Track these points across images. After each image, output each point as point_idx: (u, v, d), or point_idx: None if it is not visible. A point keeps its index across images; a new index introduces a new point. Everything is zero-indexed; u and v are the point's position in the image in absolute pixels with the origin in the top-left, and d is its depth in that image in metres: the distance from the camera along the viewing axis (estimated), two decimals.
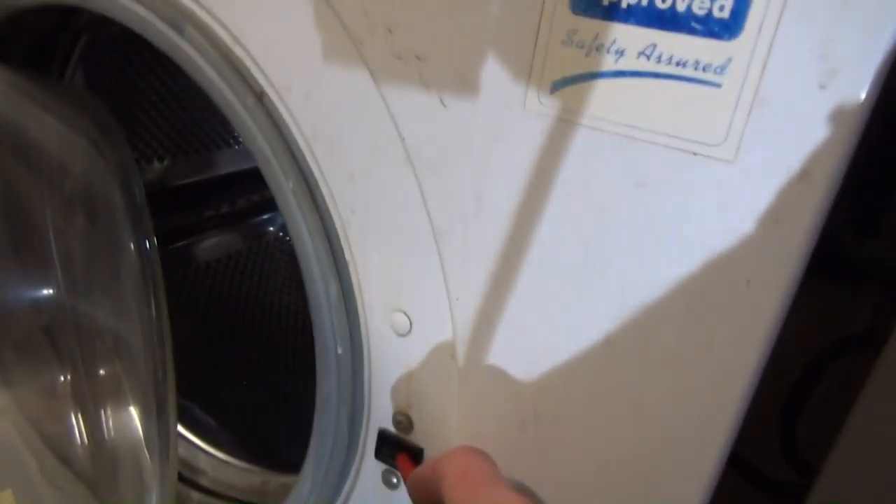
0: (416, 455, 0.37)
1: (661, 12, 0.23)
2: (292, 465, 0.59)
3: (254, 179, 0.93)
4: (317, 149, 0.35)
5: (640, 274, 0.26)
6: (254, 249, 0.93)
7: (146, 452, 0.41)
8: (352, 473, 0.40)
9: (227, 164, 0.89)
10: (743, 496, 0.72)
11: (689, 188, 0.24)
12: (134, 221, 0.34)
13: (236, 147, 0.89)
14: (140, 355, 0.37)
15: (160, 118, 0.76)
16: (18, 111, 0.40)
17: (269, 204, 0.93)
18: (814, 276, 0.25)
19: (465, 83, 0.28)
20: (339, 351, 0.37)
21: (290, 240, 0.99)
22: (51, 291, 0.49)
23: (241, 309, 0.88)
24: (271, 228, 0.96)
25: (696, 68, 0.23)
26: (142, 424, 0.42)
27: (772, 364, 0.26)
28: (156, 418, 0.36)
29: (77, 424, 0.54)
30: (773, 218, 0.23)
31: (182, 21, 0.36)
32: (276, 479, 0.58)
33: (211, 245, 0.88)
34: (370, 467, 0.39)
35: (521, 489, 0.32)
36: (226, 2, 0.35)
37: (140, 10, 0.37)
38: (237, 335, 0.85)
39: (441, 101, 0.28)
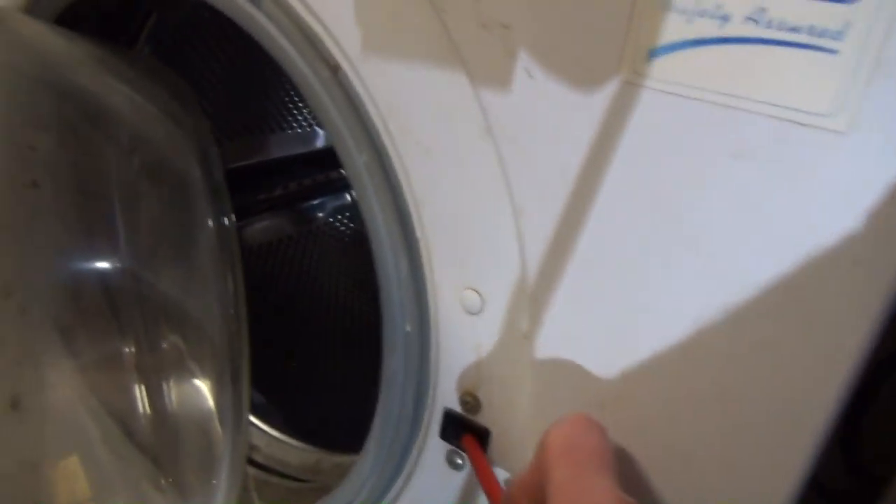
0: (482, 436, 0.37)
1: None
2: (345, 445, 0.60)
3: (305, 163, 0.94)
4: (391, 123, 0.34)
5: (734, 252, 0.25)
6: (304, 233, 0.94)
7: (216, 423, 0.41)
8: (414, 452, 0.40)
9: (280, 148, 0.90)
10: None
11: (794, 160, 0.23)
12: (212, 196, 0.34)
13: (289, 131, 0.90)
14: (214, 327, 0.37)
15: (219, 101, 0.77)
16: (95, 79, 0.40)
17: (321, 188, 0.94)
18: None
19: (555, 52, 0.27)
20: (408, 328, 0.37)
21: (339, 225, 1.00)
22: (116, 263, 0.50)
23: (291, 291, 0.89)
24: (321, 214, 0.97)
25: (810, 34, 0.22)
26: (213, 395, 0.42)
27: None
28: (230, 388, 0.37)
29: (140, 396, 0.55)
30: (889, 192, 0.22)
31: None
32: (330, 459, 0.58)
33: (262, 228, 0.89)
34: (434, 447, 0.39)
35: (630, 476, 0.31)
36: None
37: None
38: (287, 317, 0.86)
39: (528, 71, 0.28)
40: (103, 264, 0.51)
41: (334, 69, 0.35)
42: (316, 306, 0.89)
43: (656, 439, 0.30)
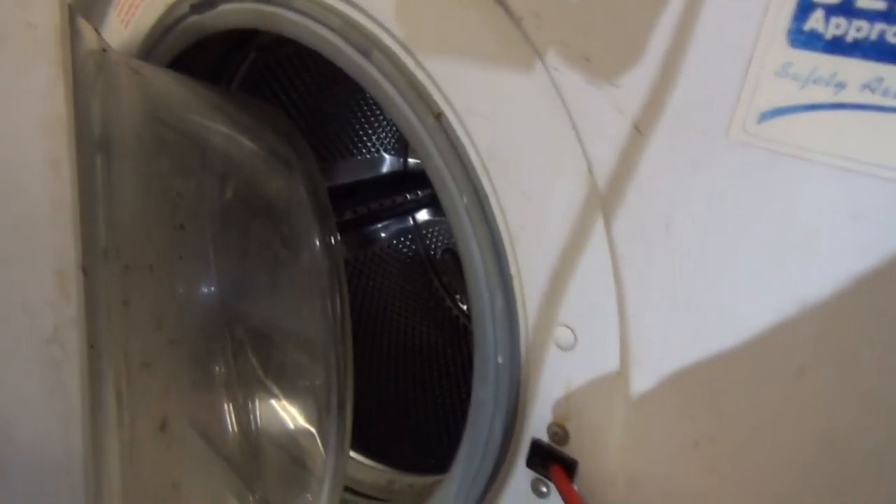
0: (570, 467, 0.38)
1: (892, 47, 0.23)
2: (417, 466, 0.62)
3: (372, 188, 0.97)
4: (491, 168, 0.36)
5: (846, 305, 0.26)
6: (368, 256, 0.97)
7: (316, 443, 0.43)
8: (500, 479, 0.42)
9: (349, 174, 0.93)
10: None
11: None
12: (321, 221, 0.37)
13: (358, 157, 0.94)
14: (315, 351, 0.39)
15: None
16: (208, 123, 0.43)
17: (387, 211, 0.97)
18: None
19: (666, 111, 0.28)
20: (500, 360, 0.39)
21: (401, 247, 1.02)
22: (209, 290, 0.53)
23: (357, 313, 0.92)
24: (384, 235, 1.00)
25: None
26: (314, 418, 0.45)
27: None
28: (336, 413, 0.39)
29: (228, 414, 0.58)
30: None
31: (369, 46, 0.39)
32: (402, 479, 0.60)
33: None
34: (520, 474, 0.41)
35: None
36: (413, 28, 0.37)
37: (331, 36, 0.40)
38: (356, 338, 0.88)
39: (637, 128, 0.29)
40: (196, 291, 0.54)
41: (437, 116, 0.38)
42: (381, 326, 0.92)
43: (752, 482, 0.31)
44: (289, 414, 0.52)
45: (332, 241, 0.38)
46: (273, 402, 0.55)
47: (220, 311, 0.54)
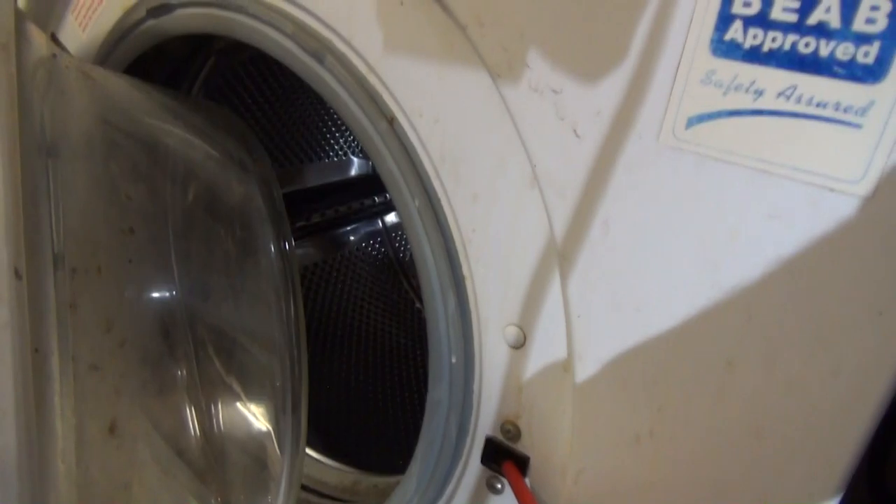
0: (522, 463, 0.39)
1: (803, 57, 0.24)
2: (381, 467, 0.62)
3: (340, 191, 0.98)
4: (443, 171, 0.37)
5: (768, 299, 0.27)
6: (338, 259, 0.97)
7: (273, 445, 0.44)
8: (455, 476, 0.43)
9: (317, 177, 0.93)
10: None
11: (824, 221, 0.25)
12: (276, 226, 0.37)
13: (326, 160, 0.94)
14: (271, 355, 0.40)
15: (258, 133, 0.81)
16: (165, 127, 0.43)
17: (356, 214, 0.97)
18: None
19: (601, 116, 0.30)
20: (453, 360, 0.39)
21: (371, 250, 1.03)
22: (169, 293, 0.53)
23: (325, 315, 0.92)
24: (353, 238, 1.00)
25: (836, 109, 0.24)
26: (272, 419, 0.45)
27: None
28: (290, 414, 0.39)
29: (190, 417, 0.58)
30: None
31: (322, 51, 0.39)
32: (368, 480, 0.60)
33: (301, 254, 0.92)
34: (475, 472, 0.42)
35: None
36: (364, 33, 0.38)
37: (285, 41, 0.40)
38: (322, 341, 0.89)
39: (575, 131, 0.31)
40: (160, 293, 0.55)
41: (390, 121, 0.38)
42: (349, 330, 0.92)
43: (689, 472, 0.32)
44: (251, 415, 0.53)
45: (286, 245, 0.38)
46: (237, 404, 0.55)
47: (182, 313, 0.54)
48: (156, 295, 0.39)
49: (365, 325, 0.94)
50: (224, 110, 0.42)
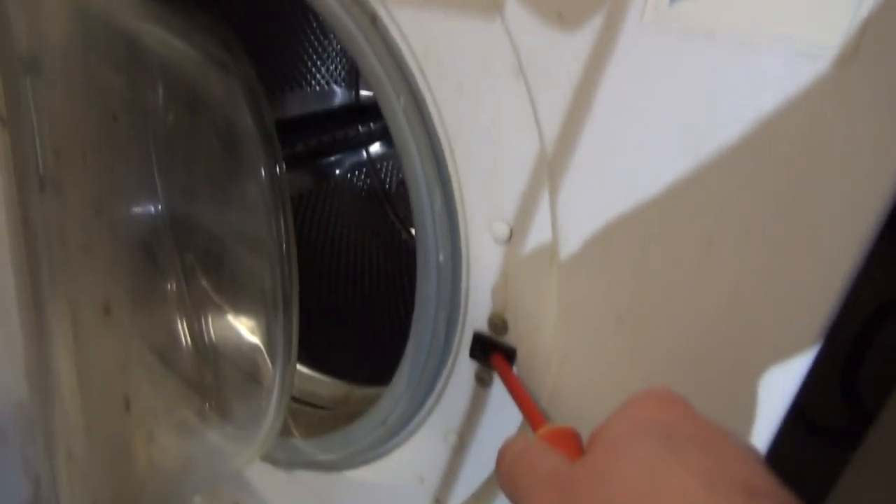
0: (510, 355, 0.40)
1: None
2: (373, 378, 0.64)
3: (324, 121, 0.97)
4: (427, 67, 0.37)
5: (747, 173, 0.28)
6: (322, 189, 0.97)
7: (264, 353, 0.45)
8: (445, 372, 0.44)
9: (299, 106, 0.92)
10: (803, 444, 0.74)
11: (805, 88, 0.26)
12: (264, 142, 0.37)
13: (307, 89, 0.93)
14: (261, 263, 0.40)
15: None
16: (143, 23, 0.42)
17: (340, 145, 0.97)
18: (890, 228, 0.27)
19: None
20: (441, 258, 0.40)
21: (355, 181, 1.03)
22: (152, 207, 0.53)
23: (314, 243, 0.92)
24: (339, 171, 1.00)
25: None
26: (263, 327, 0.46)
27: (838, 313, 0.28)
28: (282, 321, 0.40)
29: (182, 330, 0.59)
30: (890, 119, 0.25)
31: None
32: (360, 391, 0.62)
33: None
34: (464, 367, 0.43)
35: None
36: None
37: None
38: (313, 267, 0.89)
39: (559, 14, 0.31)
40: (142, 206, 0.54)
41: (373, 18, 0.38)
42: (336, 258, 0.93)
43: (668, 348, 0.33)
44: (241, 327, 0.54)
45: (277, 168, 0.38)
46: (227, 316, 0.56)
47: (167, 227, 0.53)
48: (141, 186, 0.39)
49: (352, 254, 0.95)
50: (205, 14, 0.41)
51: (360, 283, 0.91)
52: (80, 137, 0.29)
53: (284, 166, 0.40)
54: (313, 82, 0.94)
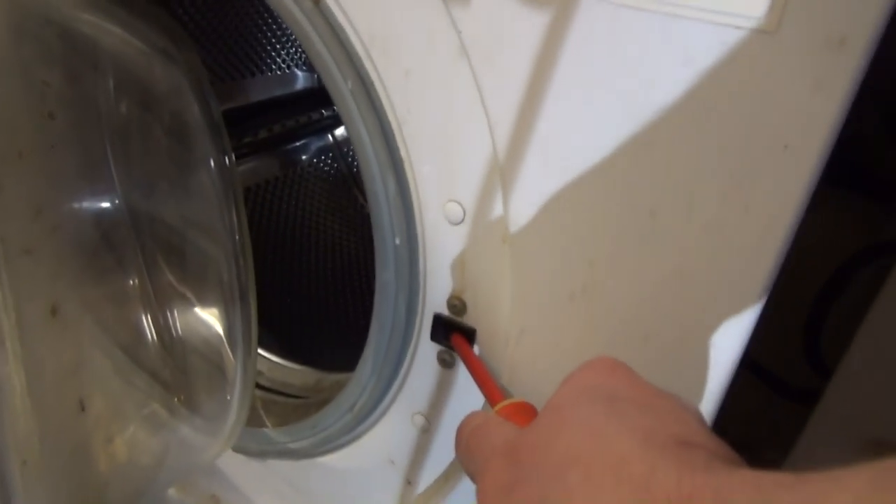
0: (469, 335, 0.41)
1: None
2: (342, 364, 0.64)
3: (287, 105, 0.95)
4: (373, 50, 0.37)
5: (684, 144, 0.28)
6: (289, 175, 0.96)
7: (226, 345, 0.45)
8: (408, 356, 0.44)
9: (261, 91, 0.91)
10: (767, 403, 0.76)
11: (733, 60, 0.26)
12: (212, 132, 0.37)
13: (269, 74, 0.91)
14: (220, 254, 0.40)
15: (197, 46, 0.78)
16: (85, 16, 0.41)
17: (305, 129, 0.96)
18: (845, 188, 0.27)
19: None
20: (397, 242, 0.40)
21: (323, 165, 1.02)
22: (112, 200, 0.52)
23: (282, 231, 0.92)
24: (304, 156, 0.99)
25: None
26: (222, 319, 0.46)
27: (799, 271, 0.28)
28: (239, 308, 0.40)
29: (147, 325, 0.58)
30: (813, 85, 0.25)
31: None
32: (330, 378, 0.63)
33: (250, 170, 0.91)
34: (426, 349, 0.43)
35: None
36: None
37: None
38: (280, 255, 0.89)
39: None
40: (97, 203, 0.53)
41: (316, 1, 0.37)
42: (305, 244, 0.93)
43: (619, 322, 0.34)
44: (207, 317, 0.53)
45: (226, 158, 0.38)
46: (193, 308, 0.56)
47: (126, 220, 0.53)
48: (90, 197, 0.39)
49: (322, 238, 0.94)
50: (151, 6, 0.40)
51: (330, 268, 0.91)
52: (15, 137, 0.28)
53: (234, 156, 0.39)
54: (274, 67, 0.92)
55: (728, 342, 0.31)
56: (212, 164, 0.40)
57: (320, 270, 0.90)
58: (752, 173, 0.27)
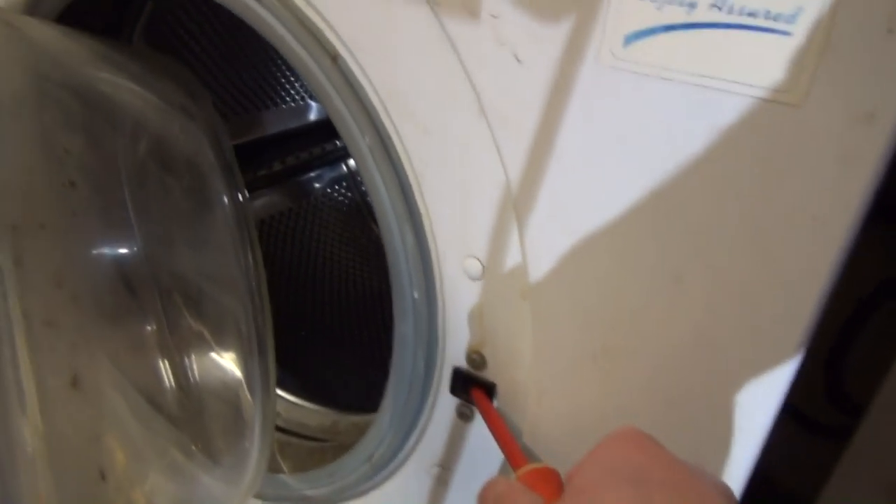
0: (489, 389, 0.40)
1: None
2: (359, 406, 0.64)
3: (300, 136, 0.96)
4: (391, 106, 0.37)
5: (708, 212, 0.28)
6: (303, 206, 0.97)
7: (245, 391, 0.45)
8: (427, 408, 0.44)
9: (275, 123, 0.91)
10: (792, 439, 0.75)
11: (759, 131, 0.26)
12: (225, 174, 0.37)
13: (283, 106, 0.92)
14: (237, 301, 0.40)
15: (210, 81, 0.79)
16: (100, 76, 0.42)
17: (318, 160, 0.96)
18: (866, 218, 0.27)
19: (539, 39, 0.29)
20: (415, 295, 0.40)
21: (336, 195, 1.02)
22: (129, 249, 0.53)
23: (296, 263, 0.92)
24: (318, 185, 0.99)
25: (766, 17, 0.24)
26: (240, 366, 0.46)
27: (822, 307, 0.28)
28: (257, 359, 0.40)
29: (165, 371, 0.58)
30: (840, 159, 0.25)
31: None
32: (346, 419, 0.62)
33: (264, 203, 0.91)
34: (445, 402, 0.43)
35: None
36: None
37: None
38: (294, 288, 0.89)
39: (515, 56, 0.30)
40: (117, 250, 0.54)
41: (334, 58, 0.38)
42: (320, 275, 0.92)
43: (643, 386, 0.33)
44: (225, 363, 0.53)
45: (240, 193, 0.38)
46: (210, 353, 0.56)
47: (146, 266, 0.53)
48: (110, 248, 0.39)
49: (336, 269, 0.94)
50: (165, 57, 0.41)
51: (344, 298, 0.90)
52: (36, 209, 0.28)
53: (248, 194, 0.39)
54: (288, 98, 0.93)
55: (758, 406, 0.30)
56: (226, 202, 0.40)
57: (335, 301, 0.90)
58: (780, 242, 0.27)
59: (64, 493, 0.28)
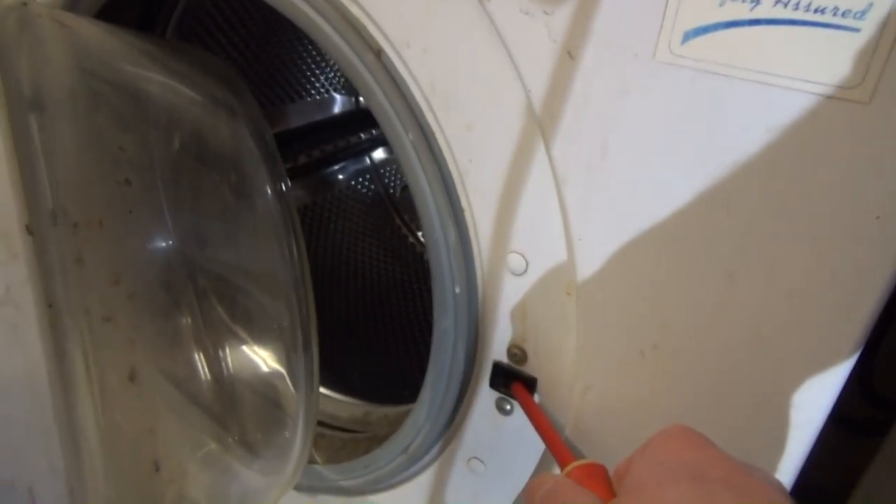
0: (530, 384, 0.40)
1: None
2: (390, 397, 0.64)
3: (325, 129, 0.96)
4: (434, 102, 0.37)
5: (765, 210, 0.28)
6: (328, 199, 0.97)
7: (286, 383, 0.45)
8: (465, 401, 0.44)
9: (300, 117, 0.91)
10: (825, 436, 0.74)
11: (822, 129, 0.25)
12: (270, 167, 0.37)
13: (308, 99, 0.92)
14: (275, 294, 0.40)
15: (241, 76, 0.79)
16: (141, 72, 0.42)
17: (342, 153, 0.96)
18: None
19: (594, 35, 0.29)
20: (457, 290, 0.40)
21: (360, 187, 1.02)
22: (166, 243, 0.53)
23: (323, 255, 0.92)
24: (342, 177, 0.99)
25: (834, 14, 0.24)
26: (285, 359, 0.46)
27: None
28: (302, 352, 0.40)
29: (200, 363, 0.59)
30: None
31: None
32: (378, 411, 0.62)
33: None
34: (485, 395, 0.43)
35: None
36: None
37: None
38: (323, 281, 0.89)
39: (569, 53, 0.30)
40: (153, 245, 0.54)
41: (377, 53, 0.38)
42: (347, 267, 0.93)
43: (691, 383, 0.33)
44: (259, 357, 0.54)
45: (283, 185, 0.38)
46: (243, 347, 0.56)
47: (180, 262, 0.54)
48: (156, 245, 0.39)
49: (361, 262, 0.95)
50: (204, 52, 0.41)
51: (372, 293, 0.91)
52: (95, 207, 0.29)
53: (289, 183, 0.40)
54: (313, 91, 0.93)
55: (812, 405, 0.30)
56: (268, 192, 0.40)
57: (360, 295, 0.90)
58: (839, 242, 0.27)
59: (121, 484, 0.29)
